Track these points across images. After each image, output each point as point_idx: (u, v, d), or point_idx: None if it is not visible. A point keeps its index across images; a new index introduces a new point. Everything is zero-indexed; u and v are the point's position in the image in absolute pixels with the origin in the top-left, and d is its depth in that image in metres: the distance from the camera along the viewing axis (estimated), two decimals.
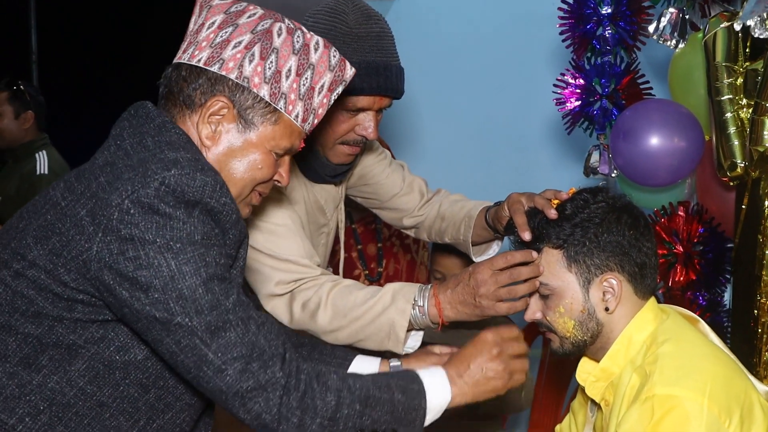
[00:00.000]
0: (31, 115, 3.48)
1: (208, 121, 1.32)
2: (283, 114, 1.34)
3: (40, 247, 1.21)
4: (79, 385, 1.24)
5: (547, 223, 1.52)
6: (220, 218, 1.24)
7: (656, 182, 2.19)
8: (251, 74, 1.30)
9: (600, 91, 2.36)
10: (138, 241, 1.16)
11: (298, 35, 1.35)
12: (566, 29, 2.40)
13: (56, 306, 1.21)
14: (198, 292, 1.18)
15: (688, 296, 2.22)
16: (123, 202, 1.17)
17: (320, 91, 1.38)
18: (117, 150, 1.27)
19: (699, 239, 2.18)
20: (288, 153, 1.40)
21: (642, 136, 2.11)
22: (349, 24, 1.68)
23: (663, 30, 2.20)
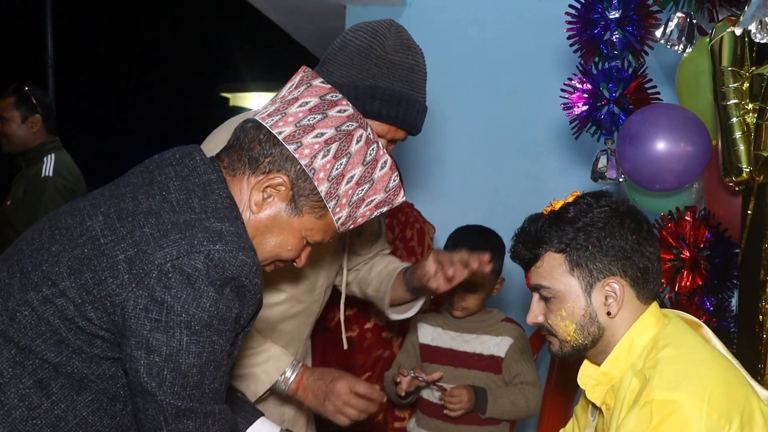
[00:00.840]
0: (38, 119, 3.50)
1: (264, 190, 1.37)
2: (329, 213, 1.40)
3: (73, 280, 1.25)
4: (82, 415, 1.30)
5: (549, 227, 1.52)
6: (247, 296, 1.30)
7: (662, 187, 2.18)
8: (319, 168, 1.36)
9: (607, 96, 2.36)
10: (166, 307, 1.22)
11: (372, 148, 1.41)
12: (573, 33, 2.40)
13: (78, 338, 1.26)
14: (192, 371, 1.25)
15: (695, 301, 2.20)
16: (165, 264, 1.22)
17: (368, 204, 1.44)
18: (162, 201, 1.30)
19: (706, 244, 2.17)
20: (316, 245, 1.47)
21: (648, 141, 2.10)
22: (386, 48, 1.68)
23: (670, 34, 2.20)
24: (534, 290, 1.58)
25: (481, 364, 2.43)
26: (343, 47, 1.71)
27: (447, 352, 2.46)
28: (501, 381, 2.43)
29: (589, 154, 2.99)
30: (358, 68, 1.68)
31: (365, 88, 1.67)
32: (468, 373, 2.42)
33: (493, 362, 2.42)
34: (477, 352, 2.44)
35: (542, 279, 1.54)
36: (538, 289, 1.56)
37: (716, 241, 2.16)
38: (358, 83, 1.67)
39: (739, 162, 1.90)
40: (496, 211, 3.65)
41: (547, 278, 1.53)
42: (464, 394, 2.32)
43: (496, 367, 2.42)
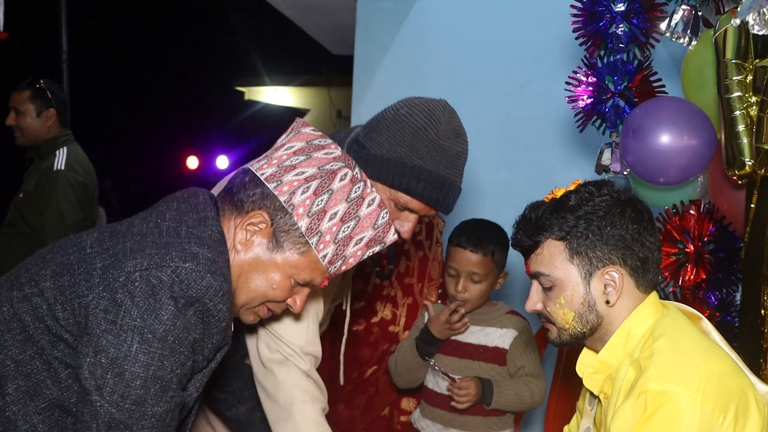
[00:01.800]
0: (53, 113, 3.53)
1: (246, 229, 1.41)
2: (312, 250, 1.41)
3: (53, 281, 1.29)
4: (33, 422, 1.31)
5: (551, 214, 1.52)
6: (210, 321, 1.30)
7: (666, 180, 2.16)
8: (298, 203, 1.39)
9: (612, 89, 2.34)
10: (124, 310, 1.23)
11: (359, 186, 1.43)
12: (579, 26, 2.39)
13: (43, 337, 1.29)
14: (135, 382, 1.24)
15: (700, 296, 2.19)
16: (133, 273, 1.24)
17: (357, 242, 1.45)
18: (154, 227, 1.34)
19: (710, 238, 2.15)
20: (307, 285, 1.47)
21: (651, 134, 2.09)
22: (439, 133, 1.70)
23: (675, 27, 2.18)
24: (533, 277, 1.58)
25: (486, 355, 2.44)
26: (396, 121, 1.72)
27: (452, 343, 2.48)
28: (505, 373, 2.44)
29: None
30: (409, 146, 1.69)
31: (413, 168, 1.69)
32: (473, 365, 2.44)
33: (497, 354, 2.43)
34: (482, 343, 2.45)
35: (542, 266, 1.54)
36: (537, 276, 1.56)
37: (720, 235, 2.15)
38: (406, 161, 1.69)
39: (742, 155, 1.89)
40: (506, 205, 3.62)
41: (546, 266, 1.53)
42: (472, 387, 2.34)
43: (500, 358, 2.43)
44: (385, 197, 1.73)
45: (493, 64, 3.92)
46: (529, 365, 2.42)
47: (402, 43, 4.14)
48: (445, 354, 2.48)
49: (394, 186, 1.71)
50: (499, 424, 2.46)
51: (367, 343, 2.97)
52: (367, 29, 4.20)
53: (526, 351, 2.44)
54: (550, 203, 1.55)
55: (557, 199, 1.54)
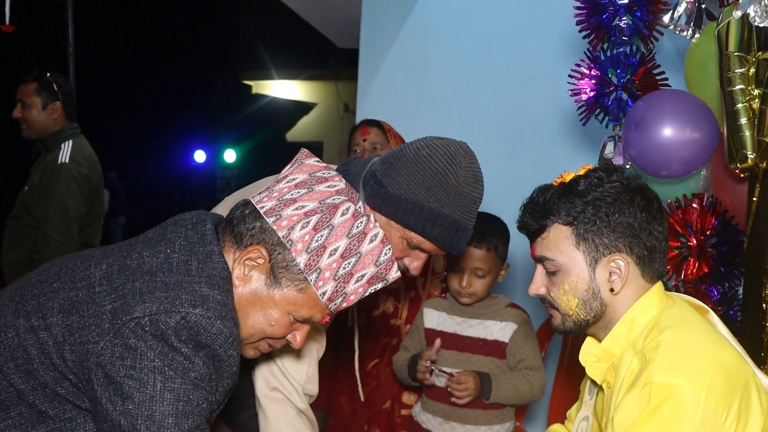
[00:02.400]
0: (58, 106, 3.53)
1: (244, 264, 1.38)
2: (311, 286, 1.38)
3: (61, 318, 1.27)
4: None
5: (559, 198, 1.50)
6: (221, 366, 1.29)
7: (668, 174, 2.15)
8: (297, 239, 1.36)
9: (615, 82, 2.33)
10: (140, 354, 1.22)
11: (361, 221, 1.39)
12: (582, 19, 2.38)
13: (48, 374, 1.27)
14: (167, 420, 1.22)
15: (702, 290, 2.18)
16: (143, 318, 1.23)
17: (358, 279, 1.41)
18: (164, 261, 1.32)
19: (713, 232, 2.14)
20: (306, 322, 1.44)
21: (654, 127, 2.08)
22: (458, 179, 1.69)
23: (678, 19, 2.17)
24: (538, 261, 1.57)
25: (485, 349, 2.44)
26: (416, 162, 1.71)
27: (452, 337, 2.48)
28: (505, 366, 2.43)
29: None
30: (427, 189, 1.68)
31: (429, 211, 1.68)
32: (472, 358, 2.44)
33: (497, 347, 2.43)
34: (481, 337, 2.45)
35: (547, 251, 1.52)
36: (542, 260, 1.55)
37: (723, 228, 2.14)
38: (423, 204, 1.68)
39: (744, 148, 1.87)
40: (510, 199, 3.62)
41: (552, 250, 1.52)
42: (471, 381, 2.34)
43: (500, 352, 2.43)
44: (398, 236, 1.72)
45: (497, 58, 3.91)
46: (528, 358, 2.42)
47: (407, 37, 4.13)
48: (445, 348, 2.48)
49: (409, 227, 1.70)
50: (499, 417, 2.46)
51: (369, 335, 2.97)
52: (373, 23, 4.20)
53: (525, 344, 2.43)
54: (559, 187, 1.53)
55: (566, 184, 1.52)
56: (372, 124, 3.13)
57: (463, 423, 2.44)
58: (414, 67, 4.11)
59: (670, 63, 2.74)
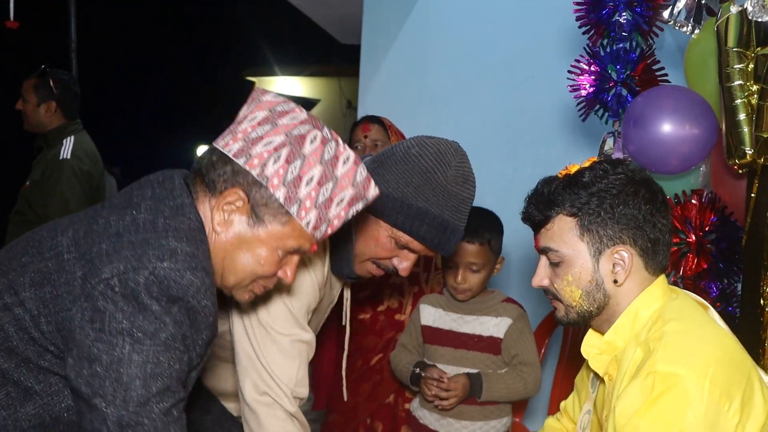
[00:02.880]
0: (53, 105, 3.52)
1: (223, 209, 1.37)
2: (294, 218, 1.37)
3: (33, 292, 1.27)
4: (23, 427, 1.29)
5: (563, 190, 1.50)
6: (197, 318, 1.28)
7: (667, 169, 2.15)
8: (272, 174, 1.34)
9: (615, 78, 2.33)
10: (108, 316, 1.21)
11: (330, 146, 1.38)
12: (582, 15, 2.38)
13: (29, 348, 1.27)
14: (135, 383, 1.21)
15: (701, 286, 2.18)
16: (111, 278, 1.22)
17: (339, 203, 1.40)
18: (131, 223, 1.31)
19: (712, 228, 2.14)
20: (296, 253, 1.43)
21: (653, 123, 2.08)
22: (447, 178, 1.69)
23: (678, 15, 2.16)
24: (542, 253, 1.57)
25: (480, 345, 2.43)
26: (405, 160, 1.71)
27: (447, 334, 2.47)
28: (501, 362, 2.43)
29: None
30: (415, 188, 1.68)
31: (417, 210, 1.68)
32: (468, 354, 2.43)
33: (492, 343, 2.42)
34: (476, 333, 2.44)
35: (551, 242, 1.53)
36: (546, 252, 1.55)
37: (722, 224, 2.14)
38: (411, 202, 1.68)
39: (743, 144, 1.87)
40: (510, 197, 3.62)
41: (556, 241, 1.52)
42: (459, 388, 2.35)
43: (495, 348, 2.42)
44: (386, 235, 1.72)
45: (498, 55, 3.91)
46: (522, 353, 2.41)
47: (408, 34, 4.14)
48: (441, 344, 2.47)
49: (396, 226, 1.70)
50: (495, 413, 2.46)
51: (373, 331, 2.98)
52: (374, 19, 4.20)
53: (520, 339, 2.42)
54: (564, 179, 1.53)
55: (571, 175, 1.53)
56: (373, 121, 3.13)
57: (458, 418, 2.44)
58: (415, 64, 4.11)
59: (672, 59, 2.74)
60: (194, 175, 1.42)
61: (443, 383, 2.37)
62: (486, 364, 2.42)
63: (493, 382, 2.37)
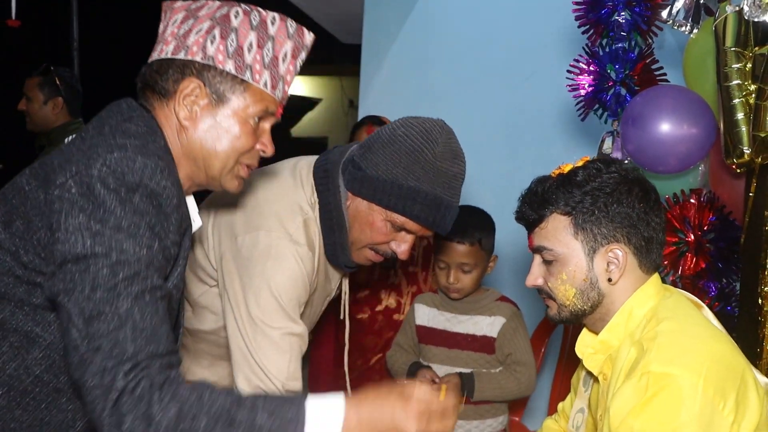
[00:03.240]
0: (60, 102, 3.55)
1: (184, 104, 1.40)
2: (251, 83, 1.42)
3: (6, 231, 1.27)
4: (36, 373, 1.29)
5: (557, 189, 1.51)
6: (161, 201, 1.27)
7: (666, 169, 2.15)
8: (215, 53, 1.39)
9: (614, 77, 2.33)
10: (65, 215, 1.21)
11: (254, 14, 1.44)
12: (581, 14, 2.38)
13: (17, 289, 1.26)
14: (101, 272, 1.18)
15: (700, 285, 2.18)
16: (66, 182, 1.22)
17: (284, 59, 1.46)
18: (78, 139, 1.34)
19: (710, 227, 2.15)
20: (265, 117, 1.47)
21: (651, 122, 2.08)
22: (436, 154, 1.69)
23: (676, 15, 2.17)
24: (536, 252, 1.57)
25: (474, 345, 2.43)
26: (392, 141, 1.71)
27: (441, 334, 2.47)
28: (495, 361, 2.42)
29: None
30: (405, 168, 1.69)
31: (408, 189, 1.68)
32: (461, 354, 2.42)
33: (485, 343, 2.42)
34: (470, 333, 2.44)
35: (545, 241, 1.53)
36: (540, 250, 1.55)
37: (721, 224, 2.14)
38: (402, 182, 1.68)
39: (741, 143, 1.87)
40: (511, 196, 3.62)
41: (550, 240, 1.52)
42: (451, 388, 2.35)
43: (488, 347, 2.42)
44: (381, 219, 1.72)
45: (499, 54, 3.90)
46: (516, 352, 2.40)
47: (409, 33, 4.13)
48: (435, 344, 2.47)
49: (390, 207, 1.70)
50: (491, 411, 2.46)
51: (372, 330, 2.98)
52: (375, 18, 4.20)
53: (514, 338, 2.41)
54: (557, 178, 1.53)
55: (564, 174, 1.53)
56: (376, 123, 3.14)
57: None
58: (416, 63, 4.11)
59: (672, 58, 2.74)
60: (143, 93, 1.45)
61: (434, 385, 2.36)
62: (480, 363, 2.41)
63: (486, 382, 2.36)
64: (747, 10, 1.65)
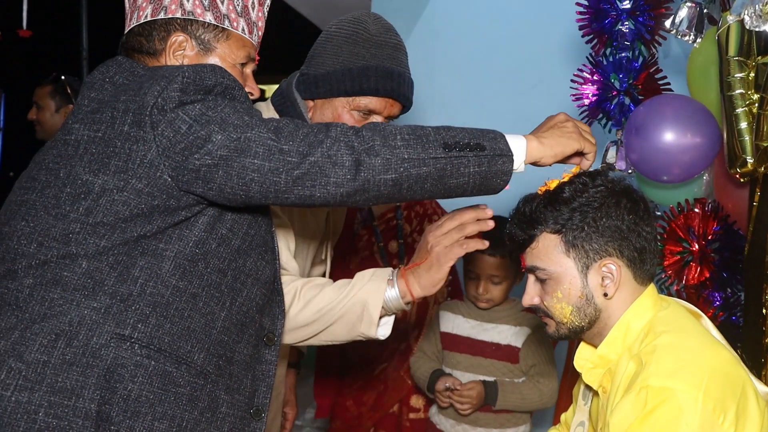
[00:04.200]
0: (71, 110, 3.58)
1: (175, 57, 1.49)
2: (232, 30, 1.52)
3: (103, 174, 1.32)
4: (172, 284, 1.35)
5: (545, 207, 1.50)
6: (235, 93, 1.39)
7: (669, 179, 2.15)
8: (192, 8, 1.49)
9: (618, 87, 2.33)
10: (178, 118, 1.31)
11: None
12: (584, 24, 2.38)
13: (136, 224, 1.32)
14: (230, 118, 1.33)
15: (704, 295, 2.17)
16: (157, 100, 1.32)
17: (253, 6, 1.56)
18: (119, 78, 1.44)
19: (714, 237, 2.14)
20: (249, 62, 1.56)
21: (654, 132, 2.08)
22: (371, 32, 1.78)
23: (680, 24, 2.16)
24: (529, 272, 1.56)
25: (498, 353, 2.44)
26: (329, 39, 1.82)
27: (466, 341, 2.48)
28: (518, 370, 2.43)
29: None
30: (348, 53, 1.77)
31: (359, 69, 1.76)
32: (484, 362, 2.44)
33: (509, 352, 2.43)
34: (494, 341, 2.45)
35: (538, 260, 1.52)
36: (533, 270, 1.54)
37: (725, 233, 2.13)
38: (351, 66, 1.77)
39: (744, 153, 1.86)
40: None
41: (542, 259, 1.51)
42: (474, 396, 2.35)
43: (513, 356, 2.43)
44: (346, 110, 1.79)
45: (505, 63, 3.91)
46: (540, 364, 2.41)
47: (415, 42, 4.14)
48: (459, 351, 2.48)
49: (348, 93, 1.78)
50: (512, 421, 2.46)
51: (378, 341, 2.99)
52: None
53: (538, 349, 2.43)
54: (544, 196, 1.53)
55: (551, 192, 1.52)
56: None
57: (474, 426, 2.45)
58: (423, 71, 4.10)
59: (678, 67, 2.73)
60: (134, 57, 1.52)
61: (457, 391, 2.37)
62: (503, 372, 2.42)
63: (509, 391, 2.37)
64: (748, 20, 1.65)
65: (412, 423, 3.02)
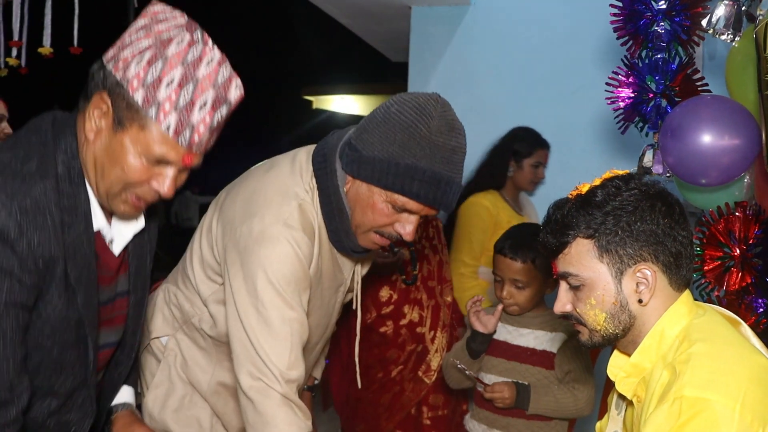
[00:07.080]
0: None
1: (93, 115, 1.37)
2: (152, 121, 1.34)
3: None
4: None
5: (577, 212, 1.45)
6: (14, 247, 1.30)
7: (708, 182, 2.08)
8: (132, 77, 1.33)
9: (654, 89, 2.28)
10: None
11: (196, 48, 1.36)
12: (620, 26, 2.34)
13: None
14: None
15: (746, 301, 2.10)
16: None
17: (202, 107, 1.37)
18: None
19: (756, 241, 2.06)
20: (163, 162, 1.40)
21: (691, 134, 2.02)
22: (431, 129, 1.65)
23: (717, 23, 2.10)
24: (561, 278, 1.52)
25: (533, 359, 2.41)
26: (386, 120, 1.67)
27: (501, 345, 2.46)
28: (553, 376, 2.39)
29: None
30: (400, 145, 1.64)
31: (406, 167, 1.64)
32: (520, 367, 2.41)
33: (545, 358, 2.39)
34: (530, 346, 2.42)
35: (570, 266, 1.48)
36: (566, 277, 1.50)
37: (766, 237, 2.06)
38: (399, 160, 1.64)
39: None
40: None
41: (575, 265, 1.47)
42: (505, 391, 2.32)
43: (548, 362, 2.39)
44: (382, 200, 1.69)
45: (546, 68, 3.88)
46: (576, 371, 2.37)
47: (456, 50, 4.14)
48: (494, 355, 2.46)
49: (388, 187, 1.67)
50: (545, 429, 2.41)
51: (396, 344, 3.03)
52: (421, 36, 4.22)
53: (574, 356, 2.38)
54: (576, 200, 1.48)
55: (583, 196, 1.48)
56: None
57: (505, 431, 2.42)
58: (463, 79, 4.11)
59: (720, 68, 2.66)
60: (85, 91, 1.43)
61: (489, 387, 2.36)
62: (538, 378, 2.38)
63: (542, 395, 2.33)
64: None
65: (432, 421, 3.03)
